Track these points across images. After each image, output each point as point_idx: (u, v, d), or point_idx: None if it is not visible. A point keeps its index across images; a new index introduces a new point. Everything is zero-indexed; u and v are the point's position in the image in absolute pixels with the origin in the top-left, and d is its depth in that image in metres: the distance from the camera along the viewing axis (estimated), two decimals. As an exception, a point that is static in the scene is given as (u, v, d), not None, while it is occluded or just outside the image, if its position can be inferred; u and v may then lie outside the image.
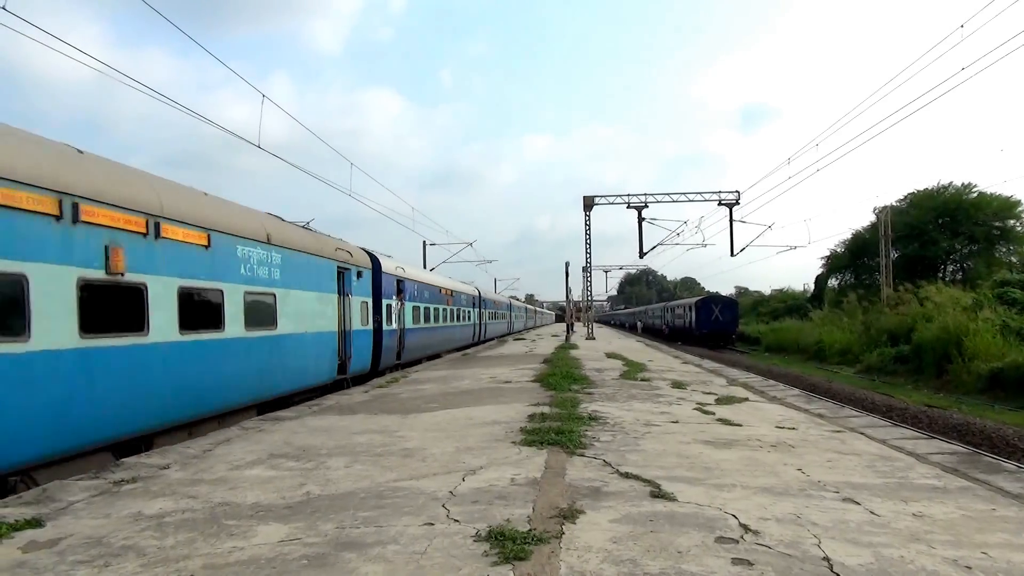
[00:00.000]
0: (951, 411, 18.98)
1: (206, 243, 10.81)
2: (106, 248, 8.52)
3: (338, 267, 17.08)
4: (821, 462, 7.35)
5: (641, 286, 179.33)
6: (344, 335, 17.27)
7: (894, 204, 49.44)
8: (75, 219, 7.97)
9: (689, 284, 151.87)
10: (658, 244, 42.61)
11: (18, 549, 4.92)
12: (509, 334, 61.62)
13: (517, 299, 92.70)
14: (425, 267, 45.23)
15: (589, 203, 41.20)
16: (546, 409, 11.27)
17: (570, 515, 5.40)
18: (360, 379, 18.60)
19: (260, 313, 12.62)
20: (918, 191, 52.34)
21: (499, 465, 7.33)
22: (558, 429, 9.07)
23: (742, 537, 4.87)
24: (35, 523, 5.51)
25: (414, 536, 5.01)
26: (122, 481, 6.99)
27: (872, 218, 50.61)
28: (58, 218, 7.72)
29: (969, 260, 48.30)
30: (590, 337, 45.59)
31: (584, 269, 45.87)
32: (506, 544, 4.69)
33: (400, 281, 23.12)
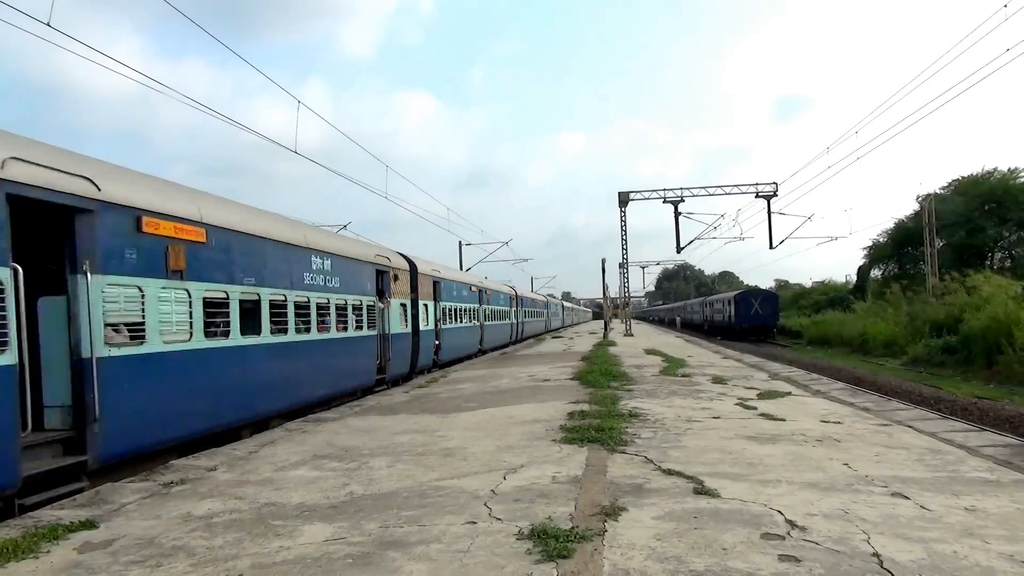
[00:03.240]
0: (1003, 403, 18.42)
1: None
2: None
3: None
4: (868, 456, 7.21)
5: (679, 281, 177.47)
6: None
7: (938, 191, 48.16)
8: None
9: (727, 278, 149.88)
10: (695, 238, 42.20)
11: (74, 550, 5.06)
12: (547, 332, 61.60)
13: (554, 297, 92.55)
14: (461, 267, 45.49)
15: (624, 199, 40.92)
16: (586, 407, 11.23)
17: (612, 513, 5.37)
18: (398, 381, 18.79)
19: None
20: (963, 177, 50.80)
21: (540, 463, 7.32)
22: (598, 427, 9.04)
23: (788, 533, 4.79)
24: (89, 524, 5.66)
25: (457, 535, 5.03)
26: (171, 483, 7.14)
27: (916, 206, 49.42)
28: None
29: (1018, 247, 46.86)
30: (628, 334, 45.32)
31: (621, 265, 45.63)
32: (549, 542, 4.68)
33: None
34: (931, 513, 5.20)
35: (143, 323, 8.57)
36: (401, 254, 20.92)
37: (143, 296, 8.59)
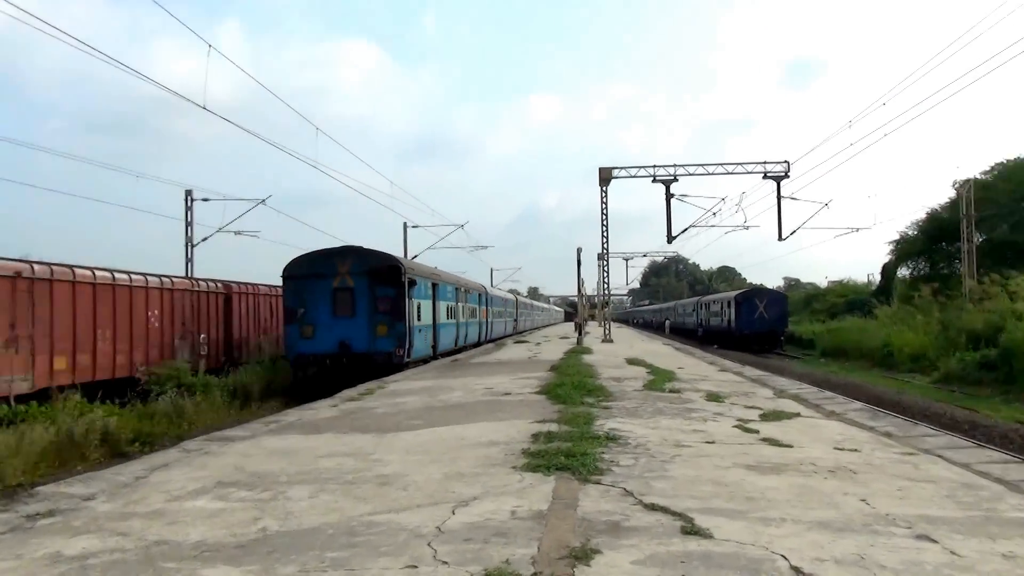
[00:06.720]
0: (1048, 429, 18.94)
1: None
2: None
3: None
4: (889, 491, 7.35)
5: (669, 277, 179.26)
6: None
7: (978, 177, 49.29)
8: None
9: (727, 275, 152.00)
10: (690, 226, 42.68)
11: (-90, 598, 4.92)
12: (514, 334, 61.90)
13: (520, 293, 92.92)
14: (406, 254, 45.77)
15: (606, 176, 41.11)
16: (554, 427, 11.27)
17: (583, 556, 5.38)
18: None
19: None
20: (1008, 161, 52.14)
21: (497, 495, 7.33)
22: (569, 451, 9.07)
23: (793, 582, 4.85)
24: (-70, 566, 5.51)
25: (393, 581, 5.00)
26: (36, 515, 6.99)
27: (952, 194, 50.50)
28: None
29: (1071, 245, 48.07)
30: (607, 339, 45.42)
31: (600, 256, 45.94)
32: (506, 591, 4.68)
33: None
34: (962, 560, 5.30)
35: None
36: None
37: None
